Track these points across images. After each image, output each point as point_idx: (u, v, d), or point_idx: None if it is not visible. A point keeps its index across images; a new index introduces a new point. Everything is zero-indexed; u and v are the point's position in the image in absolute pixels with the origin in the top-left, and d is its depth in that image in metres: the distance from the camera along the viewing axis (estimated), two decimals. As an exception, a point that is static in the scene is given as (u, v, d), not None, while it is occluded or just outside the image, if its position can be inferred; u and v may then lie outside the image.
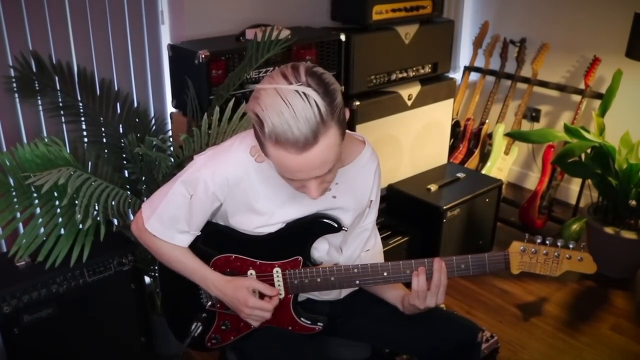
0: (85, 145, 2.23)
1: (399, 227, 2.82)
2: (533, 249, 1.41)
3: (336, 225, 1.48)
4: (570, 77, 3.54)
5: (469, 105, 3.69)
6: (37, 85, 2.17)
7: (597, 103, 3.15)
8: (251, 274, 1.52)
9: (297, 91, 1.15)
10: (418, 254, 2.81)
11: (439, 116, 3.12)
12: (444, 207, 2.78)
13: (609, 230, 2.87)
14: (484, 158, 3.54)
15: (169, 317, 1.68)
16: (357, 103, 2.67)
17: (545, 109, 3.71)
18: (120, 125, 2.30)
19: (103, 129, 2.27)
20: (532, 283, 2.94)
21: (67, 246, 1.86)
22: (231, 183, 1.41)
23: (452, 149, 3.55)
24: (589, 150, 2.89)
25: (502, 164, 3.52)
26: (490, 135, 3.56)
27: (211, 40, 2.44)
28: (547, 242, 1.42)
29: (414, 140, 3.03)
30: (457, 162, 3.52)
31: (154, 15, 2.46)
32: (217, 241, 1.53)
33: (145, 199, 1.70)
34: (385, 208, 2.96)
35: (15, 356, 1.86)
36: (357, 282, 1.52)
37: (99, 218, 1.86)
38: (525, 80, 3.51)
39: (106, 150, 2.25)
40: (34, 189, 1.85)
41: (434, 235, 2.82)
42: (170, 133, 2.50)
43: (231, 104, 2.07)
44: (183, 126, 2.34)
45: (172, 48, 2.37)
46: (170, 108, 2.54)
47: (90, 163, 2.05)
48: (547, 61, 3.47)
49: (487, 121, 3.58)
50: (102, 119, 2.26)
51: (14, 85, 2.13)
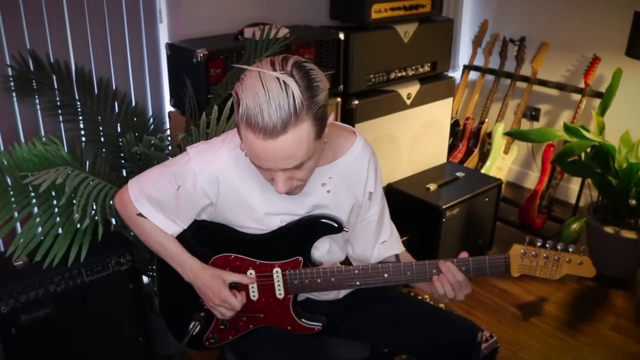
0: (83, 144, 2.22)
1: (398, 227, 2.80)
2: (533, 252, 1.41)
3: (337, 226, 1.47)
4: (570, 76, 3.54)
5: (469, 104, 3.68)
6: (34, 84, 2.16)
7: (597, 102, 3.15)
8: (251, 274, 1.51)
9: (278, 78, 1.15)
10: (417, 253, 2.76)
11: (438, 115, 3.11)
12: (443, 207, 2.77)
13: (608, 229, 2.87)
14: (484, 157, 3.54)
15: (167, 317, 1.67)
16: (356, 102, 2.67)
17: (544, 108, 3.71)
18: (118, 124, 2.30)
19: (101, 128, 2.27)
20: (531, 283, 2.93)
21: (65, 246, 1.86)
22: (221, 178, 1.41)
23: (452, 148, 3.55)
24: (588, 150, 2.89)
25: (501, 163, 3.52)
26: (489, 135, 3.55)
27: (209, 39, 2.44)
28: (547, 245, 1.41)
29: (413, 139, 3.02)
30: (456, 161, 3.52)
31: (152, 14, 2.45)
32: (217, 241, 1.52)
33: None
34: (384, 207, 2.95)
35: (13, 356, 1.85)
36: (358, 282, 1.51)
37: (96, 217, 1.86)
38: (525, 79, 3.51)
39: (104, 150, 2.24)
40: (31, 188, 1.85)
41: (433, 234, 2.81)
42: (168, 132, 2.50)
43: (229, 103, 2.06)
44: (181, 125, 2.34)
45: (170, 47, 2.36)
46: (168, 107, 2.54)
47: (88, 162, 2.04)
48: (546, 60, 3.47)
49: (486, 120, 3.58)
50: (100, 118, 2.26)
51: (12, 84, 2.13)
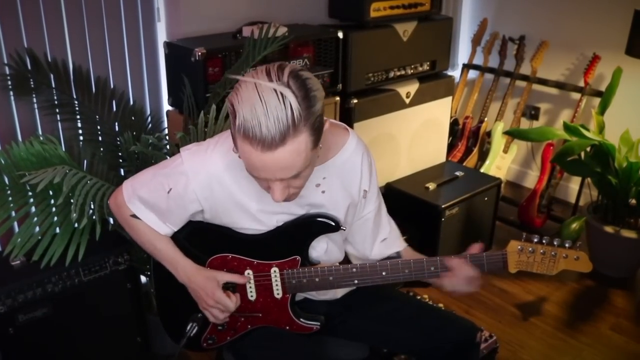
0: (81, 143, 2.22)
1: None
2: (530, 248, 1.43)
3: (334, 224, 1.47)
4: (569, 75, 3.53)
5: (468, 103, 3.68)
6: (32, 83, 2.16)
7: (596, 101, 3.14)
8: (248, 274, 1.51)
9: (275, 90, 1.14)
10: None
11: (437, 114, 3.10)
12: (443, 206, 2.76)
13: (608, 229, 2.86)
14: (483, 156, 3.53)
15: (164, 318, 1.66)
16: (355, 101, 2.66)
17: (544, 107, 3.70)
18: (116, 123, 2.29)
19: (99, 127, 2.26)
20: (531, 282, 2.93)
21: (63, 245, 1.85)
22: (214, 181, 1.40)
23: (451, 147, 3.54)
24: (588, 149, 2.88)
25: (501, 163, 3.51)
26: (489, 134, 3.55)
27: (208, 37, 2.43)
28: (544, 241, 1.43)
29: (412, 138, 3.02)
30: (455, 160, 3.51)
31: (150, 13, 2.44)
32: (214, 241, 1.52)
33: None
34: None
35: (10, 356, 1.85)
36: (356, 281, 1.51)
37: (94, 217, 1.85)
38: (525, 78, 3.50)
39: (102, 149, 2.24)
40: (29, 188, 1.85)
41: (432, 234, 2.81)
42: (166, 131, 2.49)
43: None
44: (179, 124, 2.33)
45: (168, 45, 2.36)
46: (166, 106, 2.53)
47: (85, 161, 2.04)
48: (546, 59, 3.46)
49: (485, 119, 3.57)
50: (97, 117, 2.25)
51: (9, 83, 2.13)
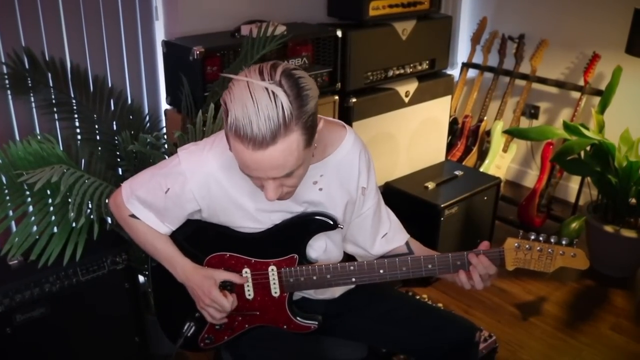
0: (79, 142, 2.22)
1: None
2: (527, 246, 1.43)
3: (332, 222, 1.46)
4: (569, 74, 3.53)
5: (467, 102, 3.67)
6: (29, 82, 2.15)
7: (596, 100, 3.14)
8: (246, 273, 1.50)
9: (266, 89, 1.14)
10: (416, 252, 2.79)
11: (436, 113, 3.09)
12: (442, 206, 2.76)
13: (608, 228, 2.86)
14: (482, 155, 3.53)
15: (161, 317, 1.66)
16: (354, 100, 2.65)
17: (544, 106, 3.70)
18: (114, 123, 2.29)
19: (96, 126, 2.26)
20: (531, 282, 2.91)
21: (60, 245, 1.85)
22: (211, 180, 1.40)
23: (450, 147, 3.54)
24: (588, 148, 2.88)
25: (500, 162, 3.51)
26: (488, 133, 3.54)
27: (206, 36, 2.42)
28: (541, 238, 1.43)
29: (411, 137, 3.01)
30: (455, 159, 3.51)
31: (148, 11, 2.44)
32: (212, 240, 1.51)
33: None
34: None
35: (8, 356, 1.84)
36: (354, 279, 1.50)
37: (92, 216, 1.85)
38: (524, 76, 3.49)
39: (100, 148, 2.24)
40: (26, 187, 1.84)
41: (431, 233, 2.80)
42: (164, 130, 2.49)
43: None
44: (177, 123, 2.33)
45: (167, 44, 2.35)
46: (164, 105, 2.53)
47: (83, 160, 2.04)
48: (546, 57, 3.46)
49: (485, 118, 3.57)
50: (95, 116, 2.25)
51: (7, 81, 2.12)
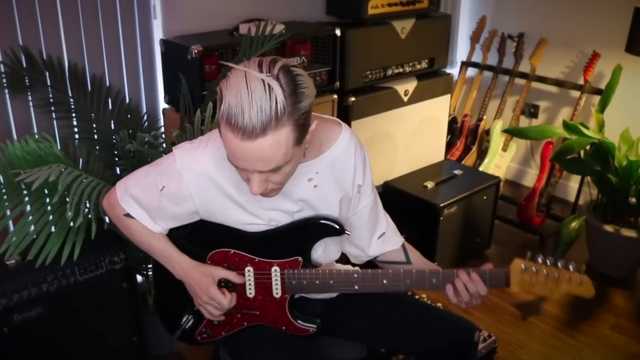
0: (77, 141, 2.21)
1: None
2: (534, 268, 1.40)
3: (338, 228, 1.46)
4: (569, 73, 3.52)
5: (466, 101, 3.66)
6: (27, 80, 2.15)
7: (596, 99, 3.13)
8: (249, 271, 1.50)
9: (263, 80, 1.14)
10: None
11: (435, 112, 3.09)
12: (441, 205, 2.75)
13: (608, 228, 2.85)
14: (482, 155, 3.52)
15: (161, 310, 1.66)
16: (353, 99, 2.65)
17: (543, 105, 3.69)
18: (112, 122, 2.29)
19: (94, 125, 2.26)
20: (530, 281, 2.92)
21: (58, 244, 1.84)
22: (206, 178, 1.40)
23: (449, 146, 3.53)
24: (588, 147, 2.87)
25: (500, 161, 3.50)
26: (487, 132, 3.54)
27: (204, 35, 2.42)
28: (548, 261, 1.40)
29: (410, 136, 3.01)
30: (454, 158, 3.50)
31: (146, 10, 2.43)
32: (217, 237, 1.51)
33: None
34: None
35: (6, 356, 1.84)
36: (356, 287, 1.49)
37: (90, 216, 1.84)
38: (524, 75, 3.49)
39: (97, 147, 2.23)
40: (24, 186, 1.83)
41: (430, 233, 2.80)
42: (162, 129, 2.48)
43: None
44: (176, 122, 2.32)
45: (165, 43, 2.35)
46: (162, 104, 2.52)
47: (81, 160, 2.03)
48: (545, 56, 3.45)
49: (484, 117, 3.56)
50: (93, 115, 2.25)
51: (4, 80, 2.12)
